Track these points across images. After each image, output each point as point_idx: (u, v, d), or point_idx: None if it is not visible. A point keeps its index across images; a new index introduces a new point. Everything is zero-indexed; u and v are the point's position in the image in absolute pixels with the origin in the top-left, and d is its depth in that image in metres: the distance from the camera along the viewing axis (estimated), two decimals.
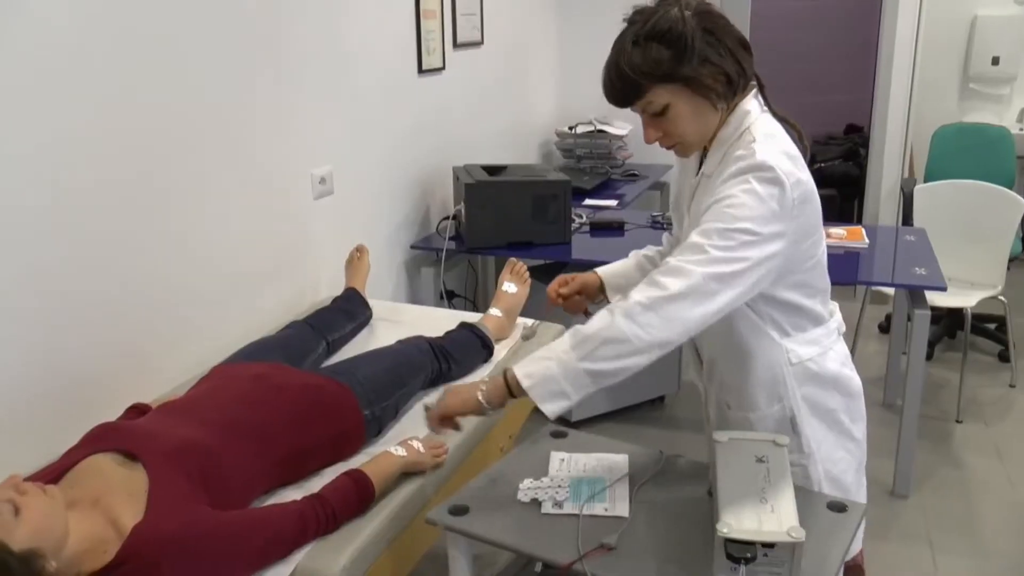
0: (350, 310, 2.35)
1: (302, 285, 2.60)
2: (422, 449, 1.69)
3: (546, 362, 1.28)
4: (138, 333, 1.94)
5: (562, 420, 3.20)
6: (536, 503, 1.39)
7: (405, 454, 1.64)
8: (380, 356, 1.96)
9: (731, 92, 1.30)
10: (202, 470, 1.40)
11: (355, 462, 1.70)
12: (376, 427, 1.81)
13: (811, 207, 1.30)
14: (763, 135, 1.29)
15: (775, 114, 1.36)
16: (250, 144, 2.27)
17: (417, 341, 2.09)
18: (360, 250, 2.57)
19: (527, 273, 2.39)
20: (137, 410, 1.69)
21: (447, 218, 3.38)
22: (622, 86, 1.28)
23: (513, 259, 2.41)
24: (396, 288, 3.18)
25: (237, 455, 1.49)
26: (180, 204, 2.03)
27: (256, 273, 2.36)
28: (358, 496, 1.51)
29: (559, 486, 1.43)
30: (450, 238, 3.17)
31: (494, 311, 2.33)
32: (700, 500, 1.40)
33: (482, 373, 2.13)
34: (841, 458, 1.50)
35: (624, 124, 4.22)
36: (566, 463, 1.53)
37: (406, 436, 1.78)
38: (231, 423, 1.55)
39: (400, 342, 2.09)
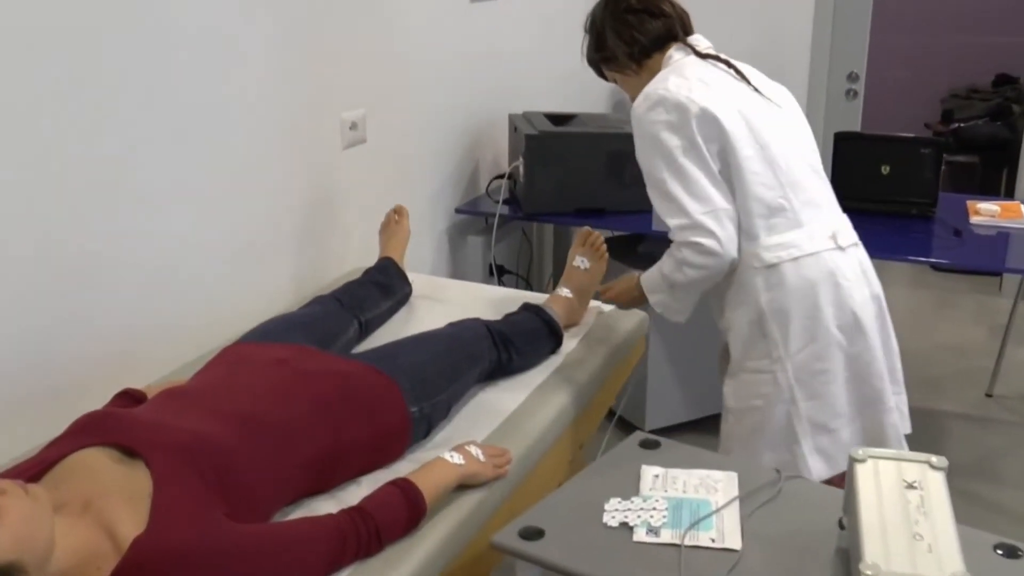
0: (386, 284, 2.36)
1: (325, 254, 2.60)
2: (482, 457, 1.68)
3: None
4: (125, 308, 1.94)
5: (635, 431, 3.23)
6: (626, 528, 1.38)
7: (463, 462, 1.62)
8: (429, 341, 1.96)
9: (640, 56, 2.00)
10: (218, 472, 1.36)
11: (399, 470, 1.69)
12: (424, 427, 1.80)
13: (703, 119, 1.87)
14: (661, 76, 1.94)
15: (704, 55, 1.97)
16: (264, 80, 2.26)
17: (473, 324, 2.09)
18: (399, 212, 2.57)
19: (604, 246, 2.36)
20: (130, 397, 1.68)
21: (500, 177, 3.39)
22: (595, 71, 2.11)
23: (587, 228, 2.38)
24: (436, 260, 3.19)
25: (258, 455, 1.46)
26: (175, 153, 2.02)
27: (269, 239, 2.37)
28: (407, 511, 1.48)
29: (654, 508, 1.41)
30: (503, 201, 3.18)
31: (563, 291, 2.32)
32: (828, 532, 1.39)
33: (549, 367, 2.14)
34: (822, 370, 1.92)
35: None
36: (661, 480, 1.51)
37: (460, 440, 1.77)
38: (250, 416, 1.52)
39: (452, 325, 2.09)
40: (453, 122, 3.19)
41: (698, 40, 2.05)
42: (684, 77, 1.93)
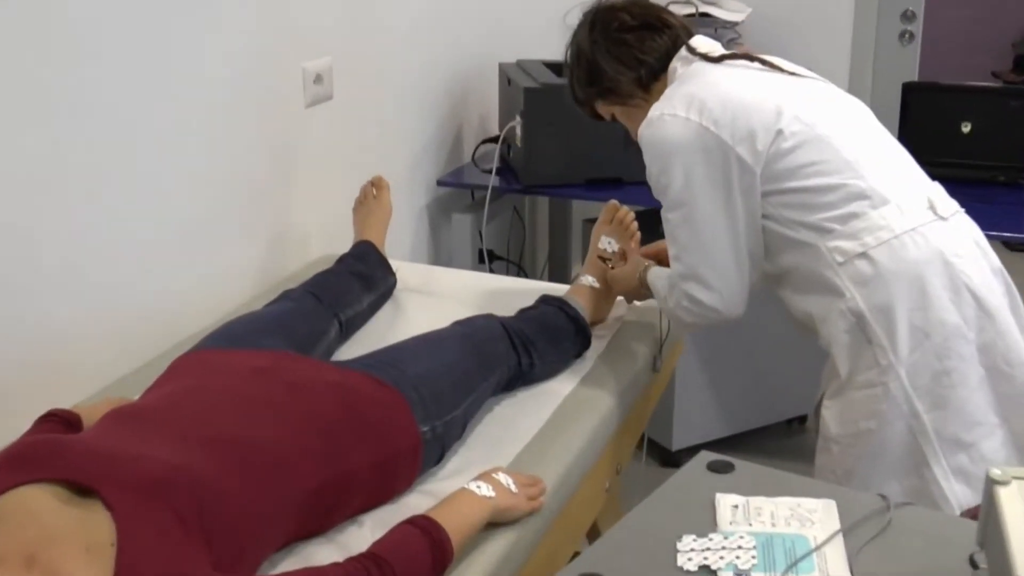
0: (367, 274, 2.36)
1: (288, 237, 2.61)
2: (514, 487, 1.65)
3: None
4: (46, 309, 1.91)
5: (660, 451, 3.21)
6: (708, 572, 1.33)
7: (493, 494, 1.61)
8: (436, 345, 1.96)
9: (649, 80, 2.04)
10: (199, 512, 1.32)
11: (409, 504, 1.67)
12: (437, 450, 1.80)
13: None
14: (668, 95, 1.98)
15: (718, 58, 2.01)
16: (208, 24, 2.24)
17: (487, 324, 2.10)
18: (377, 186, 2.57)
19: (635, 224, 2.36)
20: (59, 420, 1.63)
21: (490, 141, 3.34)
22: (582, 111, 2.17)
23: (615, 203, 2.40)
24: (416, 243, 3.18)
25: (245, 489, 1.42)
26: (103, 118, 1.99)
27: (218, 220, 2.36)
28: (431, 556, 1.44)
29: (740, 547, 1.37)
30: (494, 171, 3.14)
31: (586, 280, 2.33)
32: (957, 572, 1.34)
33: (576, 375, 2.15)
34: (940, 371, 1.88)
35: (739, 5, 4.17)
36: (743, 511, 1.46)
37: (478, 467, 1.75)
38: (232, 441, 1.49)
39: (461, 324, 2.09)
40: (435, 73, 3.19)
41: (700, 42, 2.07)
42: (698, 89, 1.95)
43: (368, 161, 2.83)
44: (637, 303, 2.38)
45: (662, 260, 2.26)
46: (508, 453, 1.83)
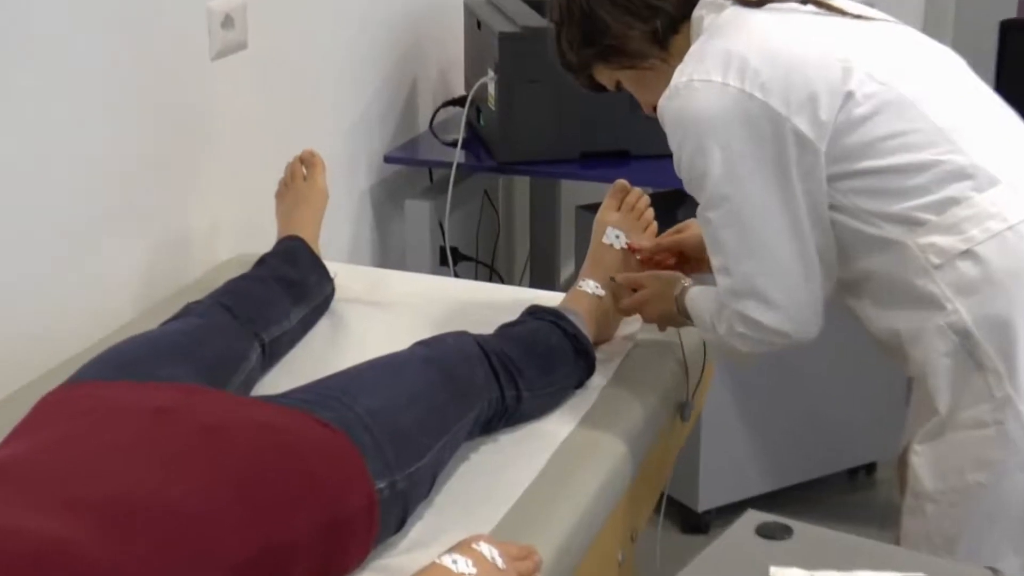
0: (297, 281, 2.37)
1: (184, 232, 2.62)
2: (500, 561, 1.61)
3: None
4: None
5: (683, 512, 3.32)
6: None
7: (474, 572, 1.56)
8: (394, 374, 1.95)
9: (668, 33, 2.00)
10: None
11: None
12: (398, 512, 1.78)
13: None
14: (695, 54, 1.94)
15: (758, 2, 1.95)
16: None
17: (459, 344, 2.10)
18: (308, 163, 2.60)
19: (651, 211, 2.40)
20: None
21: (453, 103, 3.34)
22: (575, 81, 2.15)
23: (623, 183, 2.41)
24: (358, 239, 3.21)
25: (143, 572, 1.39)
26: None
27: (92, 210, 2.35)
28: None
29: None
30: (460, 143, 3.21)
31: (588, 285, 2.34)
32: None
33: (576, 411, 2.14)
34: None
35: None
36: None
37: (455, 534, 1.68)
38: (125, 506, 1.47)
39: (425, 345, 2.08)
40: (381, 14, 3.18)
41: None
42: (735, 43, 1.91)
43: (295, 131, 2.84)
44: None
45: (688, 254, 2.28)
46: (491, 516, 1.80)
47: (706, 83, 1.88)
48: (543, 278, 3.64)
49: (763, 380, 3.22)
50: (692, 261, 2.31)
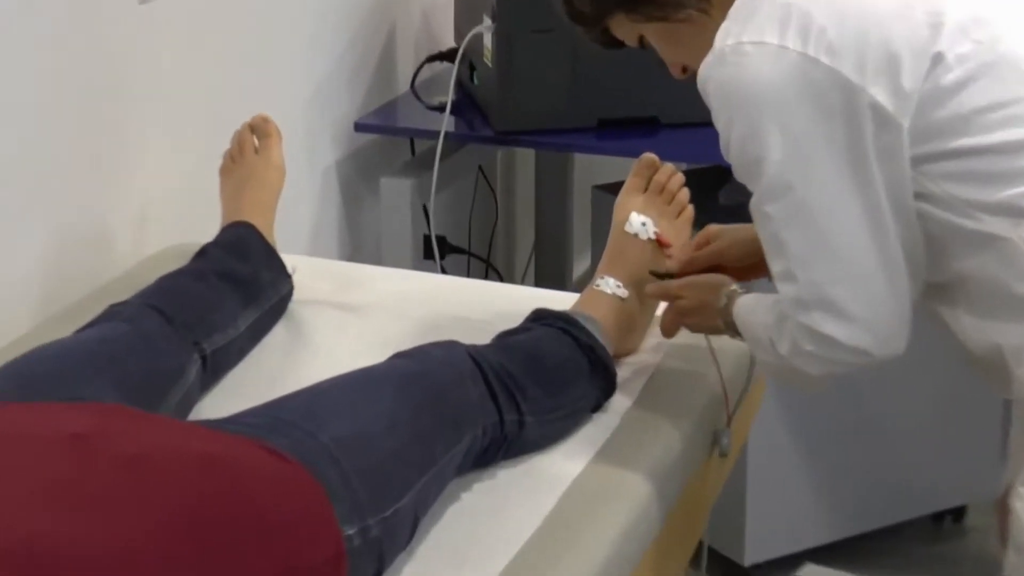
0: (245, 278, 2.39)
1: (106, 217, 2.63)
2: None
3: None
4: None
5: (726, 566, 3.38)
6: None
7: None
8: (368, 393, 1.96)
9: None
10: None
11: None
12: (373, 563, 1.77)
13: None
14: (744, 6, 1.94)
15: None
16: None
17: (448, 357, 2.10)
18: (261, 131, 2.61)
19: (686, 193, 2.42)
20: None
21: (440, 58, 3.35)
22: (585, 35, 2.15)
23: (651, 156, 2.41)
24: (323, 225, 3.24)
25: None
26: None
27: None
28: None
29: None
30: (450, 107, 3.24)
31: (607, 283, 2.36)
32: None
33: (592, 442, 2.15)
34: None
35: None
36: None
37: None
38: (29, 556, 1.45)
39: (406, 358, 2.09)
40: None
41: None
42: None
43: (244, 92, 2.87)
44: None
45: (728, 266, 2.26)
46: (486, 569, 1.80)
47: (759, 46, 1.84)
48: (551, 275, 3.63)
49: (824, 405, 3.22)
50: (731, 272, 2.27)
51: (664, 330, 2.28)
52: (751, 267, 2.21)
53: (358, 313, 2.46)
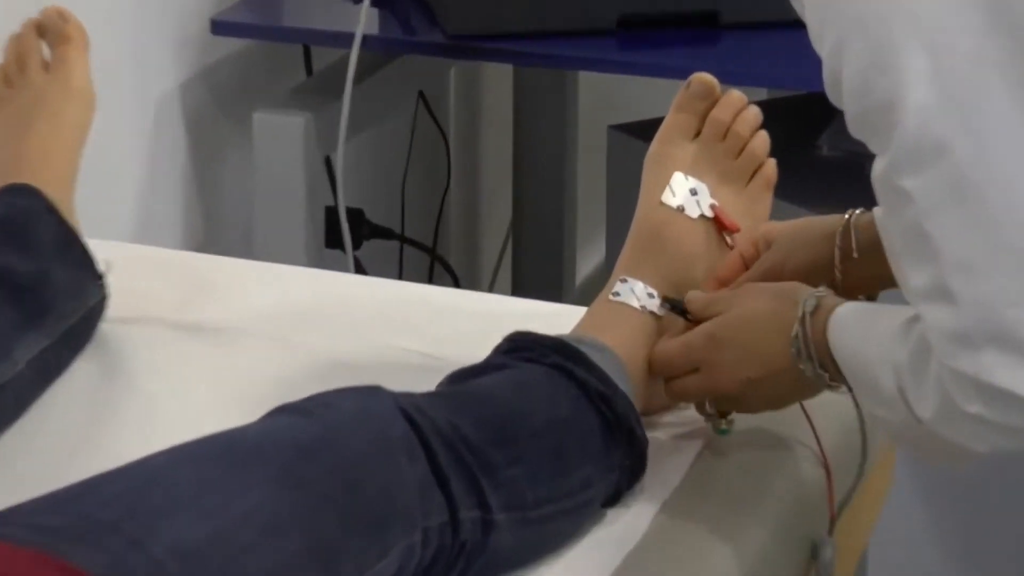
0: (26, 280, 2.40)
1: None
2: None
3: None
4: None
5: None
6: None
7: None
8: (232, 475, 1.89)
9: None
10: None
11: None
12: None
13: None
14: None
15: None
16: None
17: (364, 413, 2.02)
18: (58, 32, 2.62)
19: (763, 138, 2.37)
20: None
21: None
22: None
23: (706, 80, 2.36)
24: (154, 193, 3.17)
25: None
26: None
27: None
28: None
29: None
30: None
31: (630, 291, 2.33)
32: None
33: (603, 561, 2.08)
34: None
35: None
36: None
37: None
38: None
39: (296, 415, 1.99)
40: None
41: None
42: None
43: None
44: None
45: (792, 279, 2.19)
46: None
47: None
48: (539, 275, 3.60)
49: (981, 491, 3.25)
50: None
51: (674, 395, 2.24)
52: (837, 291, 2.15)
53: (216, 338, 2.41)
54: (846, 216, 2.23)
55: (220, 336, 2.37)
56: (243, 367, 2.28)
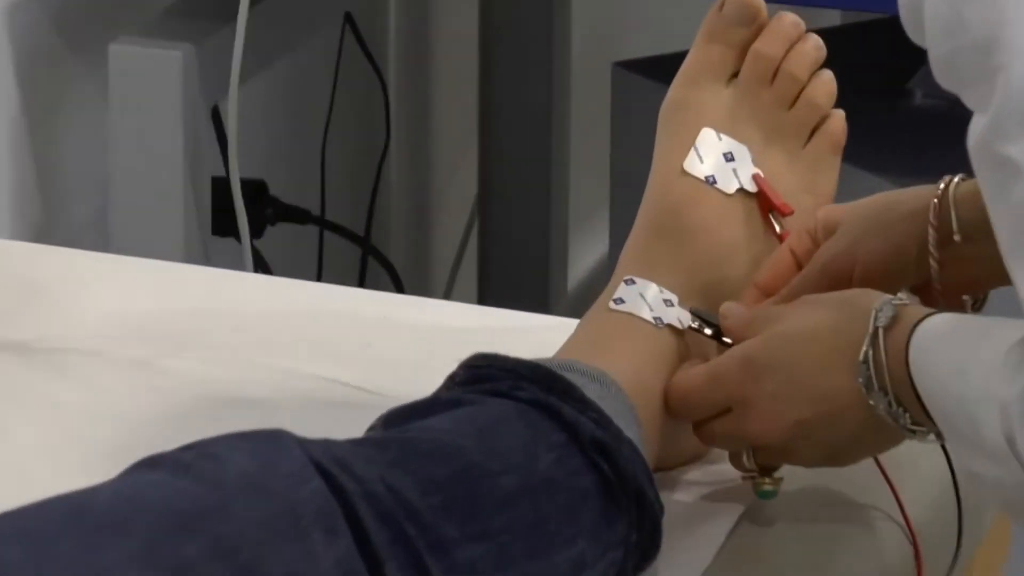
0: None
1: None
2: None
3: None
4: None
5: None
6: None
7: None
8: (74, 551, 1.91)
9: None
10: None
11: None
12: None
13: None
14: None
15: None
16: None
17: (266, 467, 2.05)
18: None
19: (827, 80, 2.44)
20: None
21: None
22: None
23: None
24: None
25: None
26: None
27: None
28: None
29: None
30: None
31: (640, 295, 2.42)
32: None
33: None
34: None
35: None
36: None
37: None
38: None
39: (171, 471, 2.03)
40: None
41: None
42: None
43: None
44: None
45: (869, 275, 2.22)
46: None
47: None
48: (515, 274, 3.61)
49: None
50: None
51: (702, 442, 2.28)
52: (929, 291, 2.27)
53: (52, 362, 2.38)
54: (941, 185, 2.27)
55: (57, 359, 2.32)
56: (90, 402, 2.22)
